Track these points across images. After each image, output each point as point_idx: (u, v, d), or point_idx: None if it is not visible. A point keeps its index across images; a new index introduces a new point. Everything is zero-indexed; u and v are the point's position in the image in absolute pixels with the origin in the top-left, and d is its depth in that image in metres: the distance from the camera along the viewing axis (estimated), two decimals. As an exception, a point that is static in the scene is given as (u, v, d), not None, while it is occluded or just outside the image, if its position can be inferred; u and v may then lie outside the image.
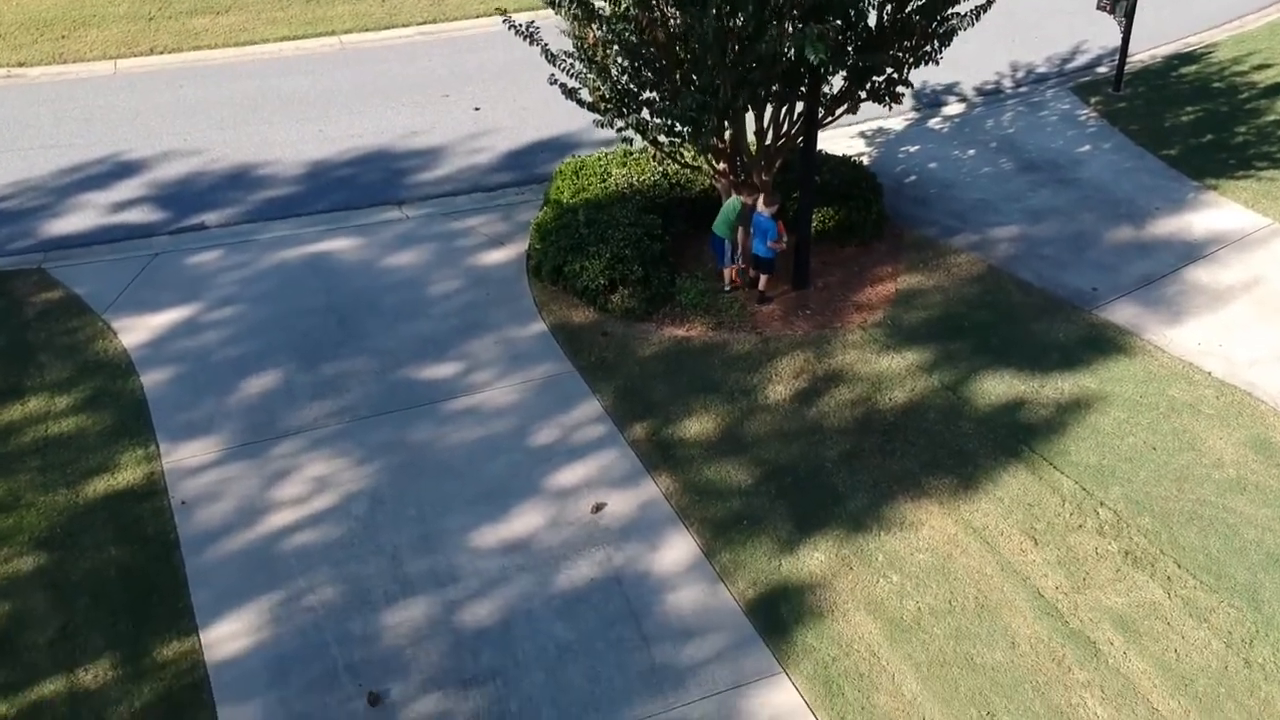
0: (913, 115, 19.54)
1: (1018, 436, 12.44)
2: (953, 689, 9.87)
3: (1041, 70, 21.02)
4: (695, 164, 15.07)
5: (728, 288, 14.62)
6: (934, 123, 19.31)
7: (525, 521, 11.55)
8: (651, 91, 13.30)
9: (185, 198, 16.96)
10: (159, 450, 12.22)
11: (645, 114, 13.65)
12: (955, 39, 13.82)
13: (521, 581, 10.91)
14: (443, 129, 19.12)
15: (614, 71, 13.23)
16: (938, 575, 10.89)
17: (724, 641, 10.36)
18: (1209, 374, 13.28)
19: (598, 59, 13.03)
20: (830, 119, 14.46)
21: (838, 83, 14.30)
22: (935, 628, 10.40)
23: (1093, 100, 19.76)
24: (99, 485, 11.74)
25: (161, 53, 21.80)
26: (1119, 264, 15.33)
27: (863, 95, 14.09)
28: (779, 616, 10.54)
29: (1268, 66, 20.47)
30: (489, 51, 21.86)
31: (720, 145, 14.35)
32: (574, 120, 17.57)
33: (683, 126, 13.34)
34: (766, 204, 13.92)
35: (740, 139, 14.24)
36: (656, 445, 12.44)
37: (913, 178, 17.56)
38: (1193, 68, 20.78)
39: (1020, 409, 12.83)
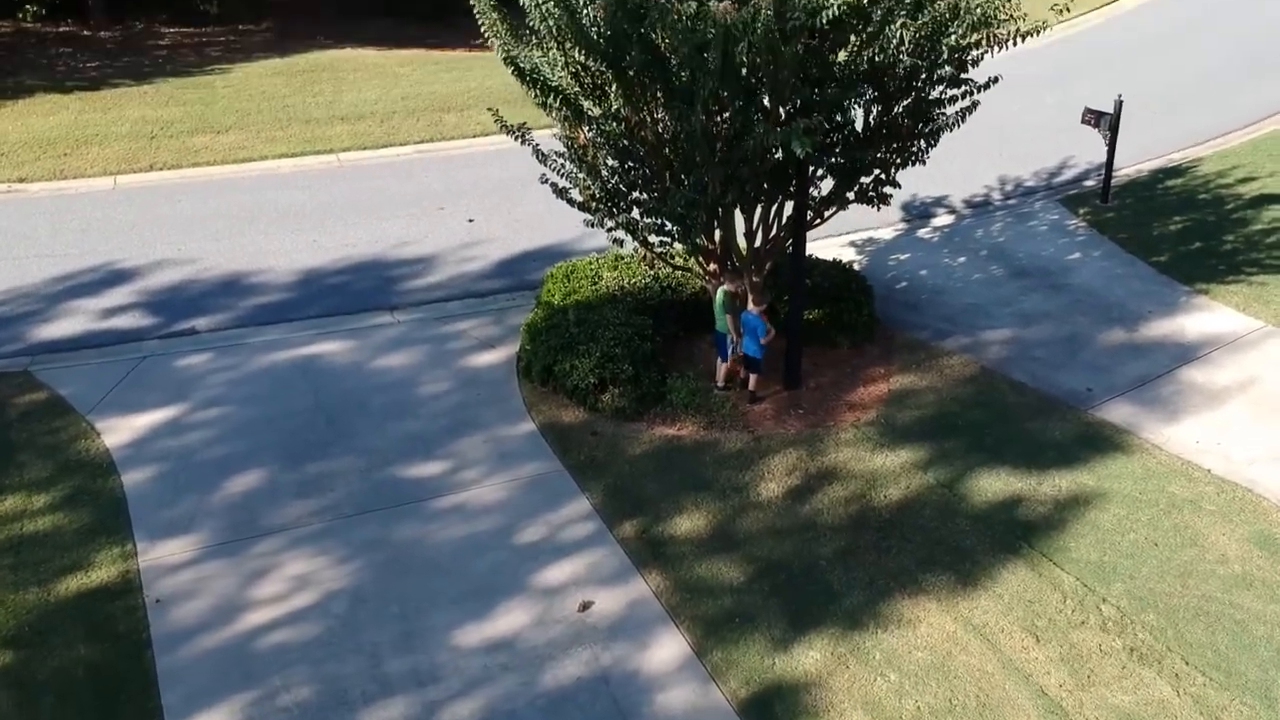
0: (902, 226, 19.72)
1: (1016, 533, 12.16)
2: (956, 791, 9.41)
3: (1029, 184, 21.31)
4: (685, 265, 15.11)
5: (721, 385, 14.49)
6: (923, 233, 19.48)
7: (510, 620, 11.19)
8: (641, 191, 13.41)
9: (176, 304, 16.96)
10: (136, 548, 11.90)
11: (635, 214, 13.73)
12: (942, 151, 14.00)
13: (505, 681, 10.52)
14: (436, 239, 19.27)
15: (604, 171, 13.36)
16: (937, 674, 10.50)
17: (716, 743, 9.93)
18: (1208, 471, 13.08)
19: (588, 158, 13.16)
20: (819, 220, 14.55)
21: (826, 186, 14.42)
22: (936, 727, 9.98)
23: (1081, 211, 19.98)
24: (71, 583, 11.40)
25: (161, 169, 22.10)
26: (1113, 365, 15.25)
27: (850, 196, 14.19)
28: (773, 717, 10.12)
29: (1251, 179, 20.76)
30: (485, 169, 22.22)
31: (710, 246, 14.41)
32: (566, 230, 17.71)
33: (672, 225, 13.40)
34: (756, 302, 13.90)
35: (730, 239, 14.31)
36: (646, 543, 12.16)
37: (903, 284, 17.61)
38: (1178, 181, 21.07)
39: (1018, 506, 12.58)
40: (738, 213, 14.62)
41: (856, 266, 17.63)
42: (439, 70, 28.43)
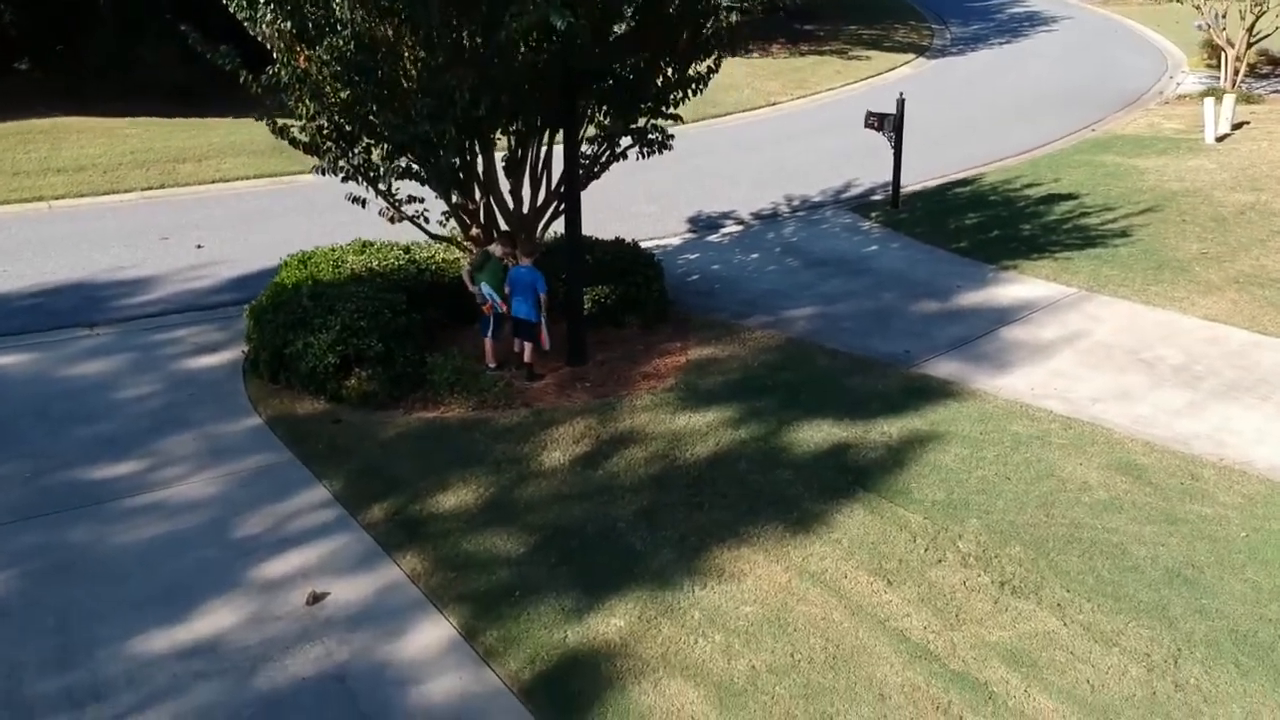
0: (690, 236, 18.08)
1: (847, 479, 10.17)
2: (811, 757, 7.07)
3: (816, 200, 20.14)
4: (446, 236, 12.86)
5: (493, 366, 12.16)
6: (711, 238, 17.89)
7: (213, 621, 8.37)
8: (377, 115, 11.08)
9: None
10: None
11: (375, 156, 11.46)
12: (724, 181, 12.37)
13: (200, 691, 7.67)
14: (156, 263, 16.42)
15: (332, 96, 11.02)
16: (772, 628, 8.23)
17: (492, 735, 7.32)
18: (1050, 411, 11.51)
19: (312, 76, 10.81)
20: (596, 169, 12.62)
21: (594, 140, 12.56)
22: (777, 687, 7.66)
23: (873, 215, 18.85)
24: None
25: None
26: (929, 330, 13.72)
27: (628, 140, 12.36)
28: (568, 696, 7.61)
29: (1036, 185, 20.21)
30: (221, 207, 19.66)
31: (470, 205, 12.25)
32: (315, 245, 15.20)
33: (419, 166, 11.19)
34: (525, 253, 11.77)
35: (492, 188, 12.17)
36: (400, 525, 9.56)
37: (695, 276, 15.83)
38: (966, 189, 20.34)
39: (846, 453, 10.63)
40: (501, 176, 12.57)
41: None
42: (175, 129, 25.65)
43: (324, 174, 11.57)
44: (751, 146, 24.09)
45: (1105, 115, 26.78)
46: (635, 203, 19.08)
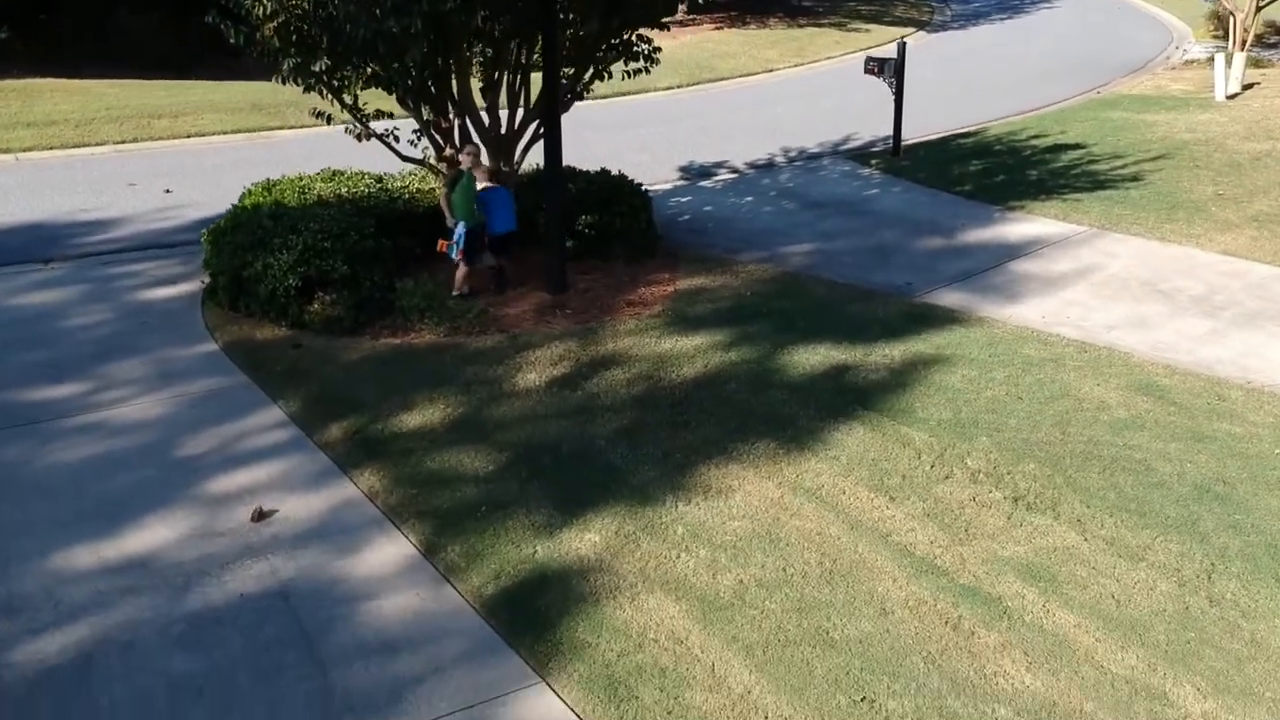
0: (682, 183, 17.29)
1: (846, 398, 9.40)
2: (804, 673, 6.30)
3: (814, 152, 19.35)
4: (417, 159, 12.07)
5: (467, 291, 11.38)
6: (705, 184, 17.10)
7: (146, 538, 7.60)
8: (339, 7, 10.20)
9: None
10: None
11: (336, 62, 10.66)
12: (718, 135, 11.65)
13: (126, 607, 6.90)
14: (121, 206, 15.62)
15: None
16: (762, 543, 7.45)
17: (450, 652, 6.56)
18: (1063, 337, 10.75)
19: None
20: (580, 89, 11.84)
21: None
22: (768, 602, 6.89)
23: (872, 163, 18.07)
24: None
25: None
26: (933, 264, 12.96)
27: (611, 51, 11.57)
28: (534, 612, 6.83)
29: (1042, 136, 19.43)
30: (194, 158, 18.84)
31: (444, 124, 11.47)
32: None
33: (384, 70, 10.39)
34: (507, 171, 10.98)
35: (467, 103, 11.38)
36: (359, 444, 8.79)
37: (687, 216, 15.06)
38: (969, 140, 19.55)
39: (844, 374, 9.86)
40: (477, 96, 11.80)
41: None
42: (152, 89, 24.87)
43: (284, 82, 10.77)
44: (748, 107, 23.32)
45: (1110, 80, 25.99)
46: (624, 153, 18.26)
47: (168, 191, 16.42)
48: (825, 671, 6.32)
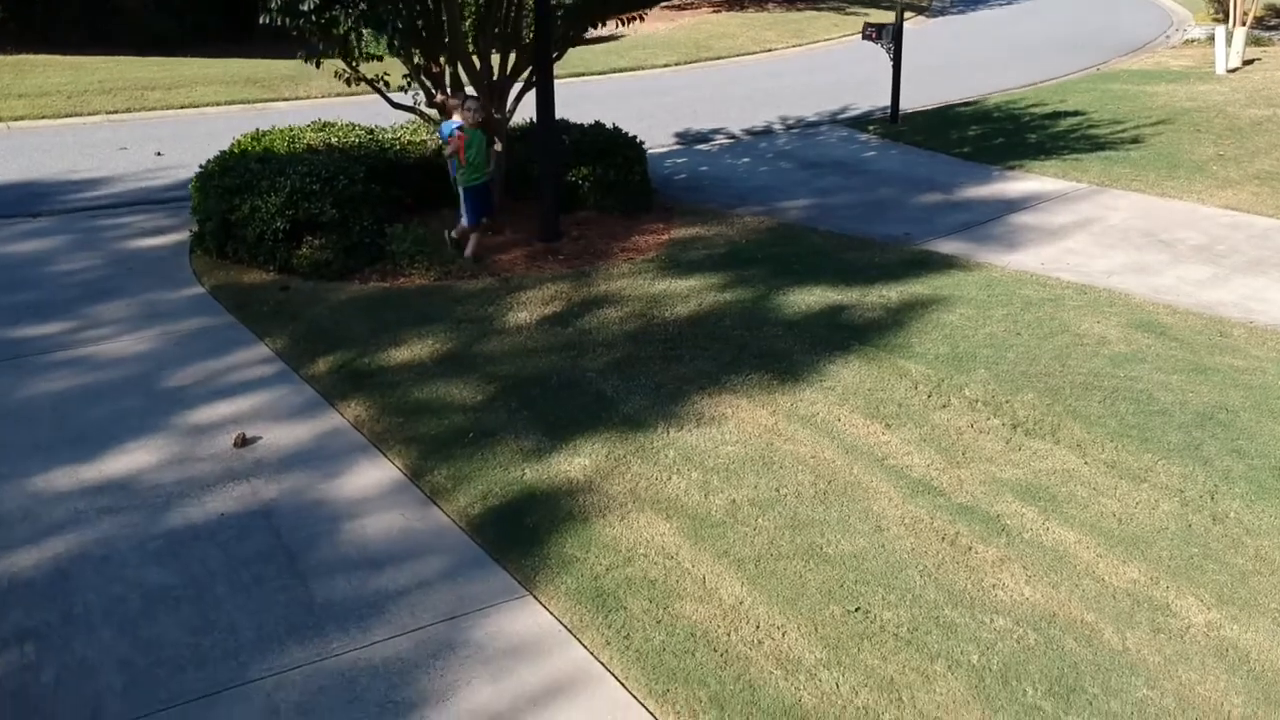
0: (677, 147, 17.14)
1: (842, 334, 9.25)
2: (797, 585, 6.13)
3: (811, 120, 19.20)
4: (407, 105, 11.91)
5: (478, 252, 11.14)
6: (701, 147, 16.95)
7: (126, 462, 7.44)
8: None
9: None
10: None
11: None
12: (714, 106, 11.46)
13: (103, 525, 6.74)
14: (111, 167, 15.48)
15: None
16: (755, 466, 7.30)
17: (434, 568, 6.39)
18: (1062, 280, 10.59)
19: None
20: (573, 36, 11.68)
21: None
22: (760, 520, 6.72)
23: (870, 128, 17.93)
24: None
25: None
26: (932, 217, 12.81)
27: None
28: (521, 530, 6.67)
29: (1041, 104, 19.29)
30: (188, 126, 18.69)
31: (435, 69, 11.31)
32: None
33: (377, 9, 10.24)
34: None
35: (458, 47, 11.22)
36: (346, 376, 8.63)
37: (683, 175, 14.91)
38: (968, 109, 19.41)
39: (841, 313, 9.71)
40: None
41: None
42: (146, 64, 24.70)
43: (272, 21, 10.64)
44: (745, 81, 23.18)
45: (1110, 59, 25.84)
46: (622, 121, 17.98)
47: (159, 154, 16.28)
48: (819, 584, 6.15)
